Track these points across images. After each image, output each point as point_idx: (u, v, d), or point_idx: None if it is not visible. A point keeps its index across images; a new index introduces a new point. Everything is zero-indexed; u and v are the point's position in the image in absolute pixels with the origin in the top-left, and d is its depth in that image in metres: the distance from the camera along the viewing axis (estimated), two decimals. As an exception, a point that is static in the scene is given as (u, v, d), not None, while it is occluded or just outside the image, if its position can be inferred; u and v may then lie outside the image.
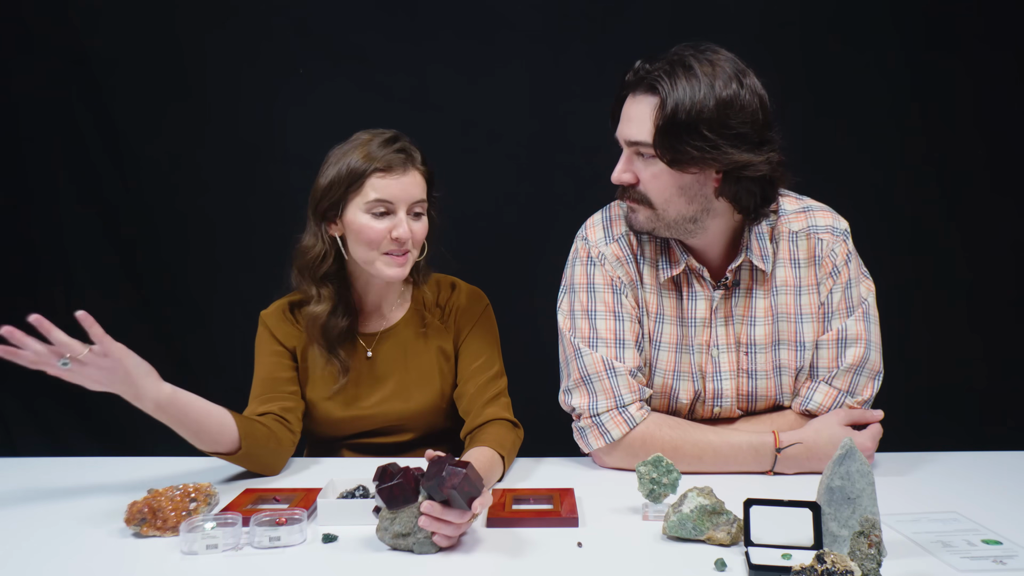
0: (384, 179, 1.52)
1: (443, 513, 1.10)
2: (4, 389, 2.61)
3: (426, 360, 1.67)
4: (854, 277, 1.52)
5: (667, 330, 1.56)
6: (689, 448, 1.47)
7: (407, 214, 1.54)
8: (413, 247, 1.57)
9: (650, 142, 1.39)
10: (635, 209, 1.48)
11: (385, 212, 1.53)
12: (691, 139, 1.36)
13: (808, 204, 1.57)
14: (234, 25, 2.48)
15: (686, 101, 1.34)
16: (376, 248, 1.54)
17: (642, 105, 1.40)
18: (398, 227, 1.52)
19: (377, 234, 1.52)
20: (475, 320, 1.67)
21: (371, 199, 1.52)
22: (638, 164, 1.44)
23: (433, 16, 2.47)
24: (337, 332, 1.61)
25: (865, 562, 0.97)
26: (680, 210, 1.45)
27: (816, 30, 2.44)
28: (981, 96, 2.45)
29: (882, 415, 1.50)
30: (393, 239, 1.53)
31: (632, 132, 1.42)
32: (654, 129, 1.38)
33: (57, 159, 2.54)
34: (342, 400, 1.65)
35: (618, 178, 1.46)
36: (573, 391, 1.54)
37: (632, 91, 1.43)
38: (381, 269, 1.55)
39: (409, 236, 1.54)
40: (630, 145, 1.44)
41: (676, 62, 1.39)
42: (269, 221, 2.51)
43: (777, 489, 1.38)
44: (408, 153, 1.56)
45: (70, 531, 1.23)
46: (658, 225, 1.48)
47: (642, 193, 1.45)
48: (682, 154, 1.37)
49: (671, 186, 1.42)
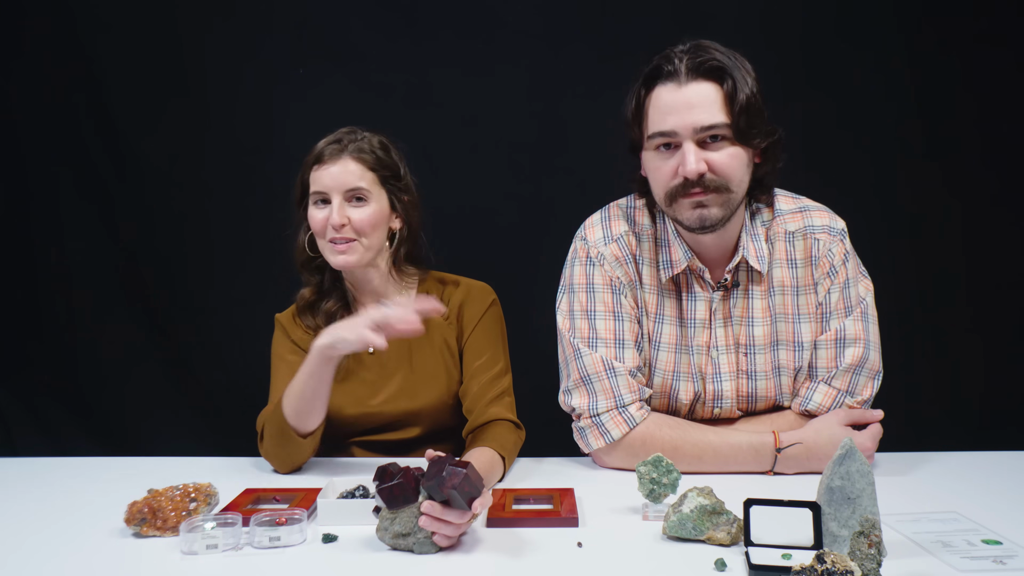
0: (319, 170, 1.59)
1: (443, 513, 1.10)
2: (4, 389, 2.61)
3: (431, 357, 1.67)
4: (852, 277, 1.52)
5: (667, 330, 1.56)
6: (689, 448, 1.47)
7: (346, 201, 1.58)
8: (358, 235, 1.58)
9: (728, 122, 1.39)
10: (707, 202, 1.42)
11: (325, 202, 1.59)
12: (759, 115, 1.40)
13: (804, 204, 1.57)
14: (234, 25, 2.48)
15: (744, 79, 1.39)
16: (323, 237, 1.59)
17: (702, 89, 1.39)
18: (331, 214, 1.57)
19: (318, 224, 1.59)
20: (479, 316, 1.68)
21: (312, 190, 1.60)
22: (704, 152, 1.41)
23: (433, 15, 2.46)
24: (337, 316, 1.65)
25: (865, 562, 0.97)
26: (743, 188, 1.46)
27: (816, 29, 2.44)
28: (981, 96, 2.45)
29: (882, 415, 1.50)
30: (331, 226, 1.57)
31: (703, 117, 1.39)
32: (729, 110, 1.38)
33: (57, 159, 2.54)
34: (351, 397, 1.65)
35: (697, 168, 1.39)
36: (573, 391, 1.54)
37: (675, 80, 1.40)
38: (329, 258, 1.60)
39: (343, 221, 1.56)
40: (702, 131, 1.40)
41: (701, 50, 1.41)
42: (269, 221, 2.51)
43: (777, 489, 1.38)
44: (342, 143, 1.60)
45: (70, 531, 1.23)
46: (727, 212, 1.45)
47: (716, 180, 1.41)
48: (755, 130, 1.41)
49: (743, 164, 1.43)
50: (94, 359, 2.58)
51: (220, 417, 2.50)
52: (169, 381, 2.56)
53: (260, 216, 2.51)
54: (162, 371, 2.57)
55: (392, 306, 1.42)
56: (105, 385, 2.60)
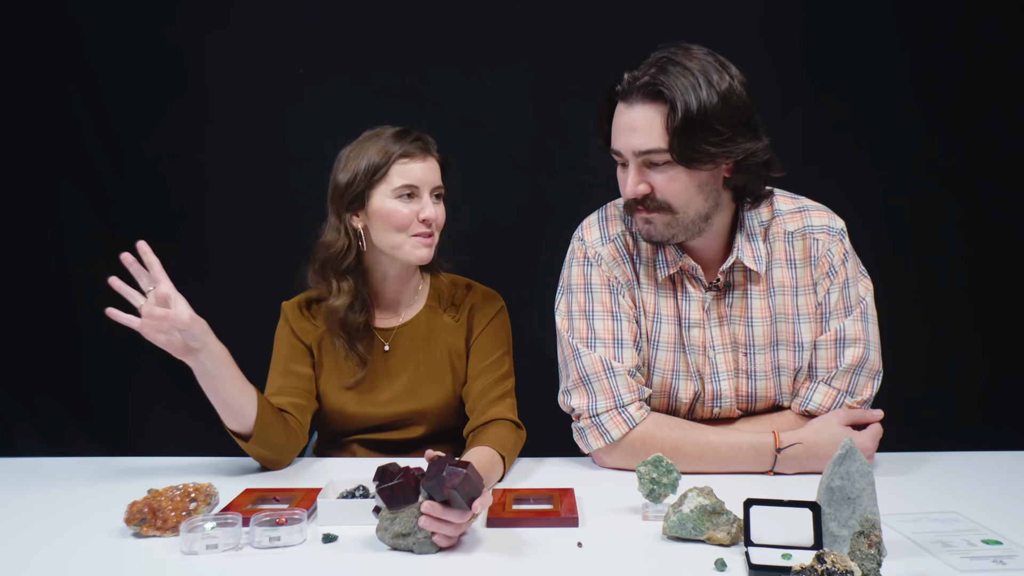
0: (407, 165, 1.59)
1: (443, 513, 1.10)
2: (4, 389, 2.62)
3: (439, 358, 1.68)
4: (851, 276, 1.52)
5: (665, 329, 1.56)
6: (689, 448, 1.47)
7: (430, 196, 1.61)
8: (437, 231, 1.64)
9: (665, 147, 1.37)
10: (651, 219, 1.45)
11: (411, 196, 1.60)
12: (706, 137, 1.36)
13: (804, 204, 1.57)
14: (234, 25, 2.48)
15: (693, 100, 1.34)
16: (405, 231, 1.59)
17: (645, 112, 1.38)
18: (425, 209, 1.59)
19: (405, 217, 1.59)
20: (488, 319, 1.70)
21: (397, 185, 1.58)
22: (649, 173, 1.41)
23: (433, 15, 2.47)
24: (355, 326, 1.65)
25: (865, 562, 0.97)
26: (698, 208, 1.44)
27: (816, 29, 2.44)
28: (982, 96, 2.45)
29: (882, 415, 1.49)
30: (421, 220, 1.59)
31: (642, 142, 1.39)
32: (668, 134, 1.36)
33: (57, 159, 2.54)
34: (356, 395, 1.66)
35: (634, 191, 1.41)
36: (572, 392, 1.54)
37: (626, 100, 1.41)
38: (410, 252, 1.60)
39: (435, 217, 1.61)
40: (640, 155, 1.40)
41: (665, 63, 1.37)
42: (269, 220, 2.52)
43: (777, 489, 1.38)
44: (425, 141, 1.64)
45: (70, 531, 1.23)
46: (677, 230, 1.45)
47: (659, 200, 1.42)
48: (700, 153, 1.37)
49: (689, 187, 1.41)
50: (94, 359, 2.59)
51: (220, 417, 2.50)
52: (169, 381, 2.56)
53: (261, 216, 2.52)
54: (162, 371, 2.57)
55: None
56: (105, 385, 2.60)
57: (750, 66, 1.43)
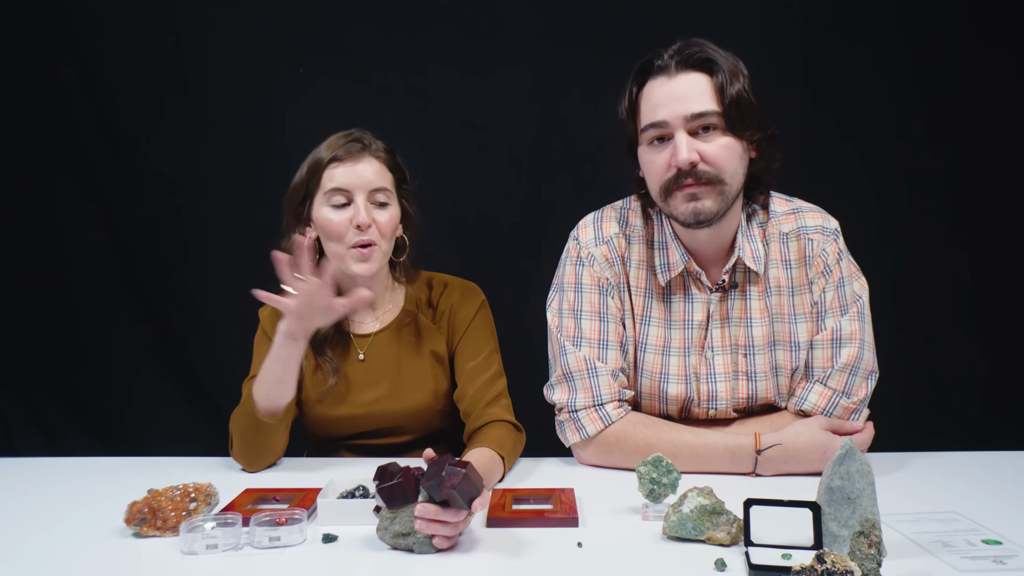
0: (338, 168, 1.53)
1: (437, 514, 1.09)
2: (4, 389, 2.62)
3: (418, 362, 1.66)
4: (846, 275, 1.52)
5: (653, 332, 1.56)
6: (664, 447, 1.46)
7: (369, 202, 1.54)
8: (380, 238, 1.54)
9: (719, 110, 1.40)
10: (699, 194, 1.42)
11: (345, 202, 1.53)
12: (751, 107, 1.41)
13: (798, 205, 1.58)
14: (234, 25, 2.48)
15: (736, 70, 1.41)
16: (342, 241, 1.53)
17: (692, 79, 1.41)
18: (357, 214, 1.51)
19: (339, 226, 1.52)
20: (470, 318, 1.66)
21: (328, 189, 1.52)
22: (695, 142, 1.41)
23: (433, 15, 2.47)
24: (323, 335, 1.61)
25: (865, 562, 0.97)
26: (739, 182, 1.46)
27: (816, 29, 2.44)
28: (981, 95, 2.45)
29: (861, 427, 1.50)
30: (355, 227, 1.51)
31: (693, 106, 1.40)
32: (720, 97, 1.39)
33: (57, 159, 2.54)
34: (333, 399, 1.64)
35: (689, 156, 1.38)
36: (556, 386, 1.56)
37: (666, 73, 1.42)
38: (350, 265, 1.54)
39: (369, 222, 1.51)
40: (693, 118, 1.40)
41: (693, 44, 1.43)
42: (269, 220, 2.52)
43: (777, 489, 1.38)
44: (362, 142, 1.56)
45: (70, 531, 1.23)
46: (722, 206, 1.44)
47: (709, 171, 1.41)
48: (748, 119, 1.41)
49: (736, 156, 1.43)
50: (94, 359, 2.59)
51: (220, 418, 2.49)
52: (169, 381, 2.56)
53: (260, 215, 2.51)
54: (162, 371, 2.57)
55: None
56: (105, 385, 2.60)
57: (749, 66, 1.45)
